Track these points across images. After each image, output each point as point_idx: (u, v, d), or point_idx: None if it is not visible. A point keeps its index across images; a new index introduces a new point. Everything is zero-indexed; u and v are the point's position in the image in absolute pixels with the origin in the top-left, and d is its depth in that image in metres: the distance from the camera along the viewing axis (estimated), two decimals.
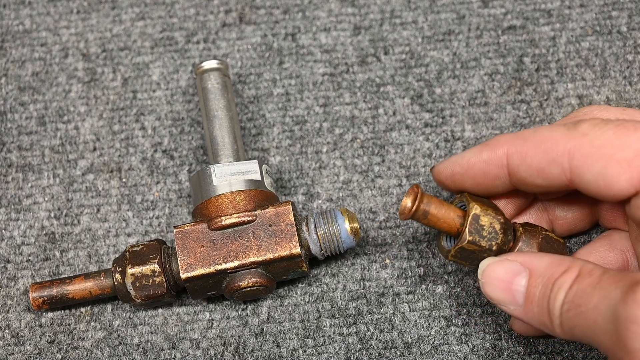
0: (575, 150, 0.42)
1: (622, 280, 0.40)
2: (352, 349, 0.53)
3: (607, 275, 0.41)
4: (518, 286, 0.45)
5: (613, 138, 0.41)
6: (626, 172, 0.40)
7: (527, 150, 0.45)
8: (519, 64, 0.61)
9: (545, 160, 0.44)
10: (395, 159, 0.59)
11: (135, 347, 0.54)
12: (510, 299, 0.46)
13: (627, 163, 0.40)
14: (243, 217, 0.51)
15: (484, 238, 0.47)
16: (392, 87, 0.61)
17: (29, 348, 0.54)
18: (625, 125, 0.41)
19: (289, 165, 0.59)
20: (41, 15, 0.65)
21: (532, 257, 0.46)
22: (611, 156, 0.41)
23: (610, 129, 0.41)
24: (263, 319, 0.54)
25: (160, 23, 0.64)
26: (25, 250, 0.57)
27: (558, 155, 0.43)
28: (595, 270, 0.42)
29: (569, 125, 0.43)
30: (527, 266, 0.45)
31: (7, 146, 0.60)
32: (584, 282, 0.42)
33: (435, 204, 0.47)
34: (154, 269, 0.51)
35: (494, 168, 0.47)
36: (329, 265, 0.56)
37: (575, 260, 0.44)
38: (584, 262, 0.43)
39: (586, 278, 0.42)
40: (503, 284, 0.46)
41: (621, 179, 0.41)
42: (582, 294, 0.41)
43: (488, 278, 0.46)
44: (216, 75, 0.57)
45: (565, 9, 0.63)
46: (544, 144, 0.44)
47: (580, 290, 0.41)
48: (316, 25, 0.63)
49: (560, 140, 0.43)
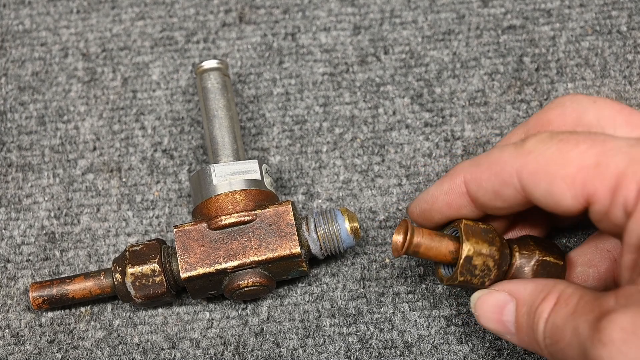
0: (522, 169, 0.42)
1: (592, 311, 0.39)
2: (352, 349, 0.53)
3: (582, 302, 0.41)
4: (507, 316, 0.45)
5: (556, 154, 0.40)
6: (570, 190, 0.40)
7: (480, 175, 0.44)
8: (518, 63, 0.61)
9: (497, 183, 0.43)
10: (395, 158, 0.59)
11: (135, 346, 0.54)
12: (504, 329, 0.46)
13: (571, 179, 0.40)
14: (243, 216, 0.51)
15: (476, 277, 0.46)
16: (392, 87, 0.61)
17: (29, 348, 0.54)
18: (567, 140, 0.40)
19: (288, 165, 0.59)
20: (41, 15, 0.65)
21: (518, 285, 0.45)
22: (555, 173, 0.40)
23: (554, 144, 0.41)
24: (263, 318, 0.54)
25: (160, 23, 0.64)
26: (25, 250, 0.57)
27: (508, 177, 0.43)
28: (573, 297, 0.42)
29: (517, 143, 0.43)
30: (513, 295, 0.45)
31: (7, 146, 0.60)
32: (560, 313, 0.41)
33: (427, 238, 0.46)
34: (154, 269, 0.51)
35: (455, 198, 0.46)
36: (329, 264, 0.56)
37: (557, 285, 0.43)
38: (565, 286, 0.43)
39: (562, 307, 0.42)
40: (494, 315, 0.46)
41: (567, 196, 0.40)
42: (557, 329, 0.41)
43: (480, 310, 0.47)
44: (216, 74, 0.57)
45: (565, 8, 0.63)
46: (494, 167, 0.43)
47: (556, 322, 0.41)
48: (316, 25, 0.63)
49: (509, 161, 0.43)
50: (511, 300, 0.45)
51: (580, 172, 0.40)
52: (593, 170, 0.39)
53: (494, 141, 0.59)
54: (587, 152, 0.40)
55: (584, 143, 0.40)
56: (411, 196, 0.57)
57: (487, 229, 0.47)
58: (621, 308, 0.38)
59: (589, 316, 0.39)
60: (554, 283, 0.44)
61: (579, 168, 0.40)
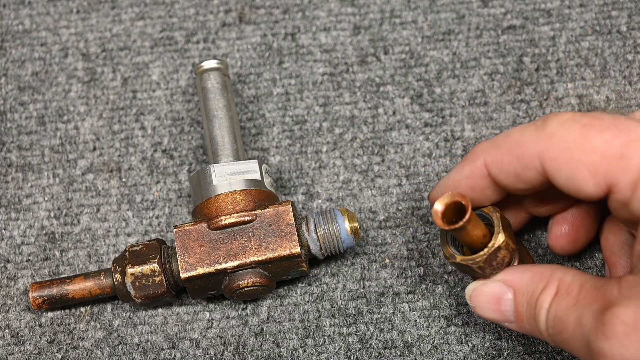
0: (544, 153, 0.41)
1: (595, 301, 0.40)
2: (352, 349, 0.53)
3: (583, 292, 0.41)
4: (506, 306, 0.45)
5: (580, 140, 0.40)
6: (593, 178, 0.40)
7: (502, 158, 0.44)
8: (518, 63, 0.61)
9: (520, 166, 0.43)
10: (395, 158, 0.59)
11: (135, 346, 0.54)
12: (503, 318, 0.46)
13: (594, 168, 0.40)
14: (243, 216, 0.51)
15: (491, 267, 0.46)
16: (392, 87, 0.61)
17: (28, 348, 0.54)
18: (592, 125, 0.40)
19: (288, 165, 0.59)
20: (41, 15, 0.65)
21: (514, 274, 0.45)
22: (578, 161, 0.40)
23: (577, 129, 0.40)
24: (263, 318, 0.54)
25: (160, 23, 0.64)
26: (25, 250, 0.57)
27: (530, 160, 0.42)
28: (573, 285, 0.42)
29: (538, 125, 0.42)
30: (510, 285, 0.45)
31: (7, 146, 0.60)
32: (561, 304, 0.42)
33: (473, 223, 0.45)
34: (154, 269, 0.51)
35: (478, 180, 0.46)
36: (329, 264, 0.56)
37: (555, 272, 0.43)
38: (563, 272, 0.43)
39: (564, 297, 0.42)
40: (492, 305, 0.46)
41: (589, 184, 0.40)
42: (560, 320, 0.41)
43: (476, 302, 0.47)
44: (216, 75, 0.57)
45: (565, 8, 0.63)
46: (515, 149, 0.43)
47: (559, 313, 0.41)
48: (316, 25, 0.63)
49: (530, 144, 0.42)
50: (508, 290, 0.45)
51: (604, 162, 0.39)
52: (617, 161, 0.39)
53: None
54: (611, 142, 0.39)
55: (608, 131, 0.40)
56: (411, 196, 0.57)
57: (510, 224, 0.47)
58: (624, 300, 0.38)
59: (592, 307, 0.39)
60: (551, 270, 0.44)
61: (603, 157, 0.39)
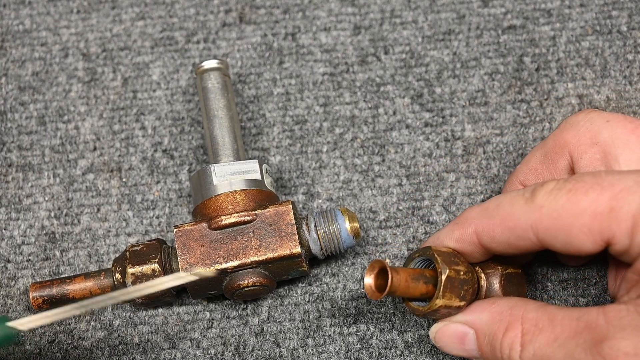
0: (537, 225, 0.43)
1: (579, 333, 0.40)
2: (352, 349, 0.53)
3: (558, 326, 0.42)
4: (470, 345, 0.46)
5: (568, 206, 0.41)
6: (589, 238, 0.41)
7: (493, 229, 0.45)
8: (519, 63, 0.61)
9: (512, 237, 0.44)
10: (395, 158, 0.59)
11: (136, 346, 0.54)
12: (469, 355, 0.47)
13: (588, 229, 0.41)
14: (243, 216, 0.51)
15: (457, 298, 0.46)
16: (392, 87, 0.61)
17: (29, 348, 0.54)
18: (576, 189, 0.41)
19: (289, 165, 0.59)
20: (41, 15, 0.65)
21: (473, 314, 0.46)
22: (571, 226, 0.41)
23: (563, 195, 0.42)
24: (263, 318, 0.54)
25: (160, 23, 0.64)
26: (25, 250, 0.57)
27: (523, 232, 0.43)
28: (541, 321, 0.42)
29: (527, 197, 0.43)
30: (471, 326, 0.46)
31: (7, 146, 0.60)
32: (539, 341, 0.42)
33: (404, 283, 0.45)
34: (154, 269, 0.51)
35: (467, 246, 0.47)
36: (329, 264, 0.56)
37: (514, 311, 0.44)
38: (523, 310, 0.44)
39: (537, 335, 0.42)
40: (456, 344, 0.47)
41: (587, 243, 0.41)
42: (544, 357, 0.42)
43: (441, 342, 0.48)
44: (216, 74, 0.57)
45: (565, 8, 0.63)
46: (507, 222, 0.44)
47: (540, 351, 0.42)
48: (316, 25, 0.63)
49: (522, 217, 0.43)
50: (469, 330, 0.46)
51: (596, 220, 0.41)
52: (607, 215, 0.40)
53: (494, 141, 0.59)
54: (598, 199, 0.41)
55: (592, 190, 0.41)
56: (412, 196, 0.57)
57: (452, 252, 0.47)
58: (619, 332, 0.39)
59: (579, 340, 0.40)
60: (509, 308, 0.45)
61: (594, 216, 0.41)
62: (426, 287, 0.46)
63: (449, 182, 0.58)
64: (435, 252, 0.46)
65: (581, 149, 0.48)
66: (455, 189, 0.57)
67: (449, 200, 0.57)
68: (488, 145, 0.59)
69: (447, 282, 0.45)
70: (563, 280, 0.54)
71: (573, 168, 0.49)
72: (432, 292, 0.46)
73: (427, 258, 0.47)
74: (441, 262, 0.46)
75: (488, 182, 0.57)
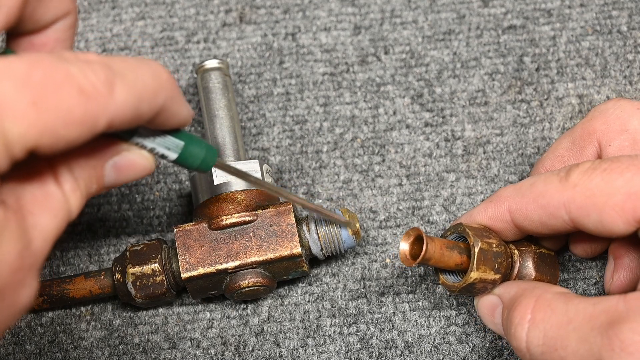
0: (570, 203, 0.43)
1: (596, 317, 0.40)
2: (352, 349, 0.53)
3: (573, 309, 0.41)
4: (498, 320, 0.46)
5: (602, 185, 0.41)
6: (621, 217, 0.41)
7: (526, 207, 0.45)
8: (519, 63, 0.61)
9: (545, 215, 0.44)
10: (395, 158, 0.59)
11: (136, 346, 0.54)
12: (498, 330, 0.47)
13: (620, 208, 0.41)
14: (244, 216, 0.51)
15: (491, 271, 0.46)
16: (393, 87, 0.61)
17: (29, 347, 0.54)
18: (612, 169, 0.42)
19: (289, 165, 0.59)
20: None
21: (505, 288, 0.47)
22: (604, 204, 0.41)
23: (598, 175, 0.42)
24: (263, 318, 0.54)
25: (160, 23, 0.64)
26: None
27: (556, 210, 0.44)
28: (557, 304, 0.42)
29: (562, 176, 0.44)
30: (501, 298, 0.47)
31: None
32: (551, 322, 0.42)
33: (438, 251, 0.46)
34: (155, 269, 0.51)
35: (500, 223, 0.47)
36: (330, 264, 0.56)
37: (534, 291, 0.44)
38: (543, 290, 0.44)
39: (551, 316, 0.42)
40: (489, 317, 0.47)
41: (619, 223, 0.41)
42: (554, 339, 0.41)
43: (480, 312, 0.48)
44: (217, 74, 0.57)
45: (566, 8, 0.63)
46: (540, 200, 0.44)
47: (551, 332, 0.42)
48: (316, 24, 0.63)
49: (555, 195, 0.43)
50: (500, 303, 0.46)
51: (629, 200, 0.41)
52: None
53: (495, 141, 0.59)
54: (633, 180, 0.41)
55: (628, 170, 0.41)
56: (412, 196, 0.57)
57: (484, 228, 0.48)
58: (638, 316, 0.38)
59: (596, 324, 0.39)
60: (532, 287, 0.45)
61: (627, 195, 0.41)
62: (460, 257, 0.47)
63: (449, 182, 0.58)
64: (467, 227, 0.47)
65: (610, 136, 0.48)
66: (455, 189, 0.57)
67: (449, 200, 0.57)
68: (488, 145, 0.59)
69: (480, 254, 0.46)
70: (563, 280, 0.54)
71: (600, 155, 0.49)
72: (467, 263, 0.47)
73: (460, 235, 0.48)
74: (473, 235, 0.46)
75: (488, 182, 0.57)
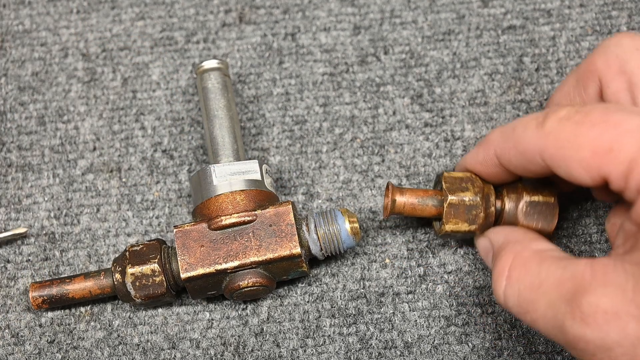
0: (543, 151, 0.43)
1: (563, 283, 0.41)
2: (352, 349, 0.53)
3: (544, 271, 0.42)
4: (490, 263, 0.49)
5: (572, 137, 0.41)
6: (586, 172, 0.41)
7: (509, 152, 0.46)
8: (518, 63, 0.61)
9: (525, 161, 0.45)
10: (395, 158, 0.59)
11: (135, 346, 0.54)
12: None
13: (587, 164, 0.41)
14: (243, 216, 0.51)
15: (464, 223, 0.49)
16: (392, 87, 0.61)
17: (28, 348, 0.54)
18: (583, 122, 0.41)
19: (289, 165, 0.59)
20: (41, 15, 0.65)
21: (494, 234, 0.49)
22: (571, 158, 0.41)
23: (569, 126, 0.42)
24: (263, 318, 0.54)
25: (160, 23, 0.64)
26: (25, 250, 0.57)
27: (532, 156, 0.44)
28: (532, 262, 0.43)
29: (539, 121, 0.44)
30: (492, 243, 0.49)
31: (7, 146, 0.60)
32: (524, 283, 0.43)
33: (410, 197, 0.51)
34: (154, 269, 0.51)
35: (491, 167, 0.49)
36: (329, 265, 0.56)
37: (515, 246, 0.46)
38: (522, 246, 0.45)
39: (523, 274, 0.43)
40: (485, 259, 0.50)
41: (585, 177, 0.42)
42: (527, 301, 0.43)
43: (479, 250, 0.51)
44: (216, 74, 0.57)
45: (565, 8, 0.63)
46: (519, 146, 0.45)
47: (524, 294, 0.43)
48: (316, 25, 0.63)
49: (531, 141, 0.44)
50: (492, 247, 0.49)
51: (594, 157, 0.40)
52: (606, 155, 0.40)
53: None
54: (601, 137, 0.40)
55: (597, 126, 0.41)
56: None
57: (467, 177, 0.50)
58: (601, 288, 0.39)
59: (562, 290, 0.40)
60: (514, 241, 0.46)
61: (593, 153, 0.40)
62: (436, 209, 0.50)
63: None
64: (445, 179, 0.50)
65: (609, 76, 0.47)
66: None
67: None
68: None
69: (449, 208, 0.49)
70: None
71: (602, 94, 0.48)
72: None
73: None
74: (446, 189, 0.49)
75: None
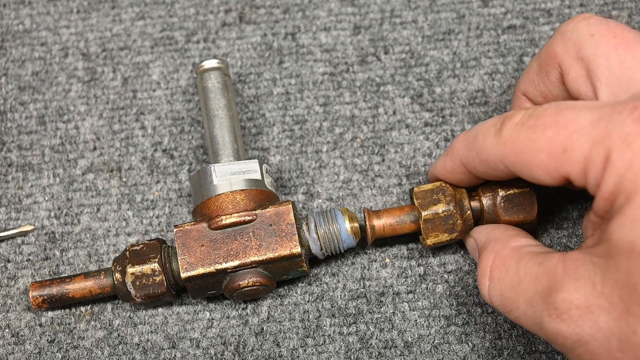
0: (504, 159, 0.44)
1: (539, 280, 0.42)
2: (352, 349, 0.53)
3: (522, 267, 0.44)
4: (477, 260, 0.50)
5: (528, 143, 0.42)
6: (547, 174, 0.42)
7: (473, 160, 0.47)
8: (519, 63, 0.61)
9: (489, 168, 0.46)
10: (395, 158, 0.59)
11: (136, 346, 0.54)
12: None
13: (546, 166, 0.42)
14: (243, 216, 0.51)
15: (444, 233, 0.51)
16: (392, 87, 0.61)
17: (29, 347, 0.54)
18: (536, 126, 0.42)
19: (289, 165, 0.59)
20: (41, 15, 0.65)
21: (477, 233, 0.51)
22: (531, 162, 0.42)
23: (524, 132, 0.43)
24: (263, 318, 0.54)
25: (160, 22, 0.64)
26: (25, 250, 0.57)
27: (494, 164, 0.45)
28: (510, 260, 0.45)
29: (497, 128, 0.45)
30: (476, 243, 0.51)
31: (7, 145, 0.60)
32: (504, 282, 0.44)
33: (387, 219, 0.52)
34: (154, 268, 0.51)
35: (460, 175, 0.50)
36: (329, 264, 0.56)
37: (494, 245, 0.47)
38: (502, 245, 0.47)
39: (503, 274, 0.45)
40: (475, 256, 0.51)
41: (547, 179, 0.42)
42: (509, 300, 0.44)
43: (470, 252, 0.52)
44: (216, 74, 0.57)
45: (565, 8, 0.63)
46: (481, 154, 0.46)
47: (506, 293, 0.44)
48: (316, 24, 0.63)
49: (491, 150, 0.45)
50: (476, 248, 0.50)
51: (551, 159, 0.41)
52: (562, 156, 0.41)
53: None
54: (553, 139, 0.41)
55: (549, 129, 0.41)
56: None
57: (437, 188, 0.51)
58: (572, 282, 0.40)
59: (539, 287, 0.41)
60: (495, 240, 0.48)
61: (549, 155, 0.41)
62: (416, 225, 0.52)
63: None
64: (416, 194, 0.51)
65: (568, 63, 0.47)
66: None
67: None
68: None
69: (426, 224, 0.51)
70: None
71: (563, 81, 0.48)
72: None
73: None
74: (418, 205, 0.51)
75: None
